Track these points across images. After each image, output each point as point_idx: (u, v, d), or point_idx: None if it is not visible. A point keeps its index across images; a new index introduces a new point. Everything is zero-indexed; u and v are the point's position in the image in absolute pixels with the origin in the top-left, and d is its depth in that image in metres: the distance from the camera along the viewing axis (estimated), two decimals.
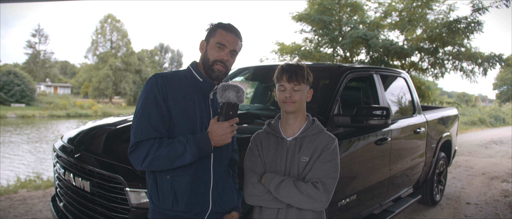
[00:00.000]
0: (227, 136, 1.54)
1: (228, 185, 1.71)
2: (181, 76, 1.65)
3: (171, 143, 1.51)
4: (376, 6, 10.42)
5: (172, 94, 1.57)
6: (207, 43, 1.67)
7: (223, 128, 1.53)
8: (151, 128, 1.52)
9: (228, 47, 1.64)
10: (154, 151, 1.49)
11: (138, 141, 1.52)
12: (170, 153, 1.49)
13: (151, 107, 1.54)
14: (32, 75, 46.04)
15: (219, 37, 1.63)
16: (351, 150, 2.84)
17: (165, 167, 1.52)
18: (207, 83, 1.66)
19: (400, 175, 3.70)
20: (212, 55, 1.63)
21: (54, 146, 2.69)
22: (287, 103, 1.69)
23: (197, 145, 1.51)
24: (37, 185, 5.84)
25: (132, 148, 1.54)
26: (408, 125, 3.78)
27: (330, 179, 1.66)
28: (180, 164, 1.51)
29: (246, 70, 4.08)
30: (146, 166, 1.52)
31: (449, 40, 8.98)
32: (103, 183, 2.08)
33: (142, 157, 1.51)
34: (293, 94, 1.69)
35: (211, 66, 1.63)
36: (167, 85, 1.58)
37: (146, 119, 1.53)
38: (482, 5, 8.43)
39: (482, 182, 6.18)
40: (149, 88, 1.57)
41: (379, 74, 3.57)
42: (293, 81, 1.68)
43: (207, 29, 1.69)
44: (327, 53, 10.68)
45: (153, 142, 1.51)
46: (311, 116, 1.81)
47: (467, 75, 9.56)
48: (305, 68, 1.74)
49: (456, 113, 5.27)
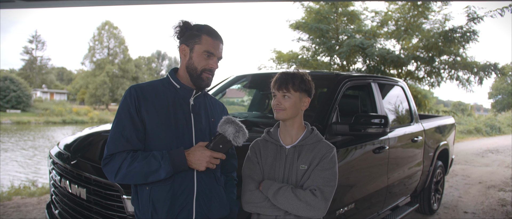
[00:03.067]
0: (202, 163, 1.51)
1: (217, 192, 1.68)
2: (158, 85, 1.63)
3: (145, 157, 1.50)
4: (373, 15, 10.50)
5: (146, 105, 1.56)
6: (191, 50, 1.62)
7: (202, 155, 1.51)
8: (124, 140, 1.52)
9: (216, 55, 1.63)
10: (127, 165, 1.49)
11: (111, 153, 1.52)
12: (144, 169, 1.49)
13: (125, 119, 1.54)
14: (28, 81, 45.85)
15: (207, 45, 1.60)
16: (349, 158, 2.84)
17: (139, 181, 1.52)
18: (185, 89, 1.64)
19: (397, 183, 3.69)
20: (199, 63, 1.60)
21: (50, 152, 2.67)
22: (276, 110, 1.72)
23: (172, 162, 1.50)
24: (32, 192, 5.77)
25: (106, 161, 1.53)
26: (406, 134, 3.78)
27: (328, 187, 1.66)
28: (154, 180, 1.51)
29: (244, 78, 4.08)
30: (120, 180, 1.51)
31: (445, 49, 9.05)
32: (99, 190, 2.06)
33: (115, 170, 1.51)
34: (282, 101, 1.71)
35: (200, 75, 1.61)
36: (141, 96, 1.57)
37: (120, 131, 1.53)
38: (477, 14, 8.53)
39: (479, 191, 6.18)
40: (123, 100, 1.57)
41: (377, 82, 3.58)
42: (282, 88, 1.71)
43: (183, 30, 1.63)
44: (324, 61, 10.72)
45: (126, 156, 1.51)
46: (310, 125, 1.81)
47: (463, 84, 9.62)
48: (300, 76, 1.73)
49: (453, 122, 5.29)
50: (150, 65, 62.17)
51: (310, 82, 1.76)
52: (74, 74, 65.98)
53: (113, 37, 50.44)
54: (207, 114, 1.69)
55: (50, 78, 57.19)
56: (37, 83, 53.02)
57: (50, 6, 6.33)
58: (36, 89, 51.10)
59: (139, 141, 1.54)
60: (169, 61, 69.09)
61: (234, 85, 4.16)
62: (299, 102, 1.73)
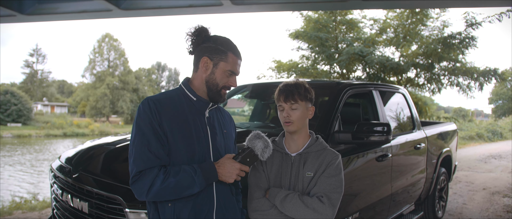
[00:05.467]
0: (232, 176, 1.52)
1: (232, 203, 1.68)
2: (173, 97, 1.59)
3: (178, 173, 1.46)
4: (372, 23, 10.56)
5: (166, 118, 1.51)
6: (215, 65, 1.59)
7: (233, 167, 1.52)
8: (152, 155, 1.46)
9: (237, 74, 1.64)
10: (161, 182, 1.43)
11: (140, 170, 1.45)
12: (178, 185, 1.45)
13: (148, 133, 1.47)
14: (29, 95, 45.93)
15: (233, 65, 1.60)
16: (353, 167, 2.81)
17: (172, 197, 1.47)
18: (201, 101, 1.62)
19: (401, 191, 3.66)
20: (221, 80, 1.60)
21: (51, 166, 2.65)
22: (286, 124, 1.73)
23: (205, 176, 1.48)
24: (33, 206, 5.73)
25: (135, 178, 1.46)
26: (408, 141, 3.76)
27: (335, 193, 1.66)
28: (188, 195, 1.48)
29: (245, 88, 4.08)
30: (152, 197, 1.46)
31: (444, 55, 9.07)
32: (101, 204, 2.04)
33: (147, 187, 1.44)
34: (291, 113, 1.71)
35: (219, 91, 1.61)
36: (161, 109, 1.52)
37: (145, 146, 1.46)
38: (475, 20, 8.57)
39: (483, 198, 6.13)
40: (142, 114, 1.50)
41: (378, 90, 3.58)
42: (290, 100, 1.71)
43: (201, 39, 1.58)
44: (324, 70, 10.75)
45: (158, 172, 1.45)
46: (315, 133, 1.82)
47: (464, 90, 9.61)
48: (303, 85, 1.75)
49: (455, 128, 5.27)
50: (150, 77, 62.32)
51: (312, 90, 1.79)
52: (74, 87, 66.14)
53: (113, 49, 50.64)
54: (220, 126, 1.69)
55: (51, 91, 57.32)
56: (38, 96, 53.10)
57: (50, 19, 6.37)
58: (37, 103, 51.15)
59: (166, 155, 1.49)
60: (169, 72, 69.34)
61: (235, 95, 4.16)
62: (306, 112, 1.75)
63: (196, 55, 1.62)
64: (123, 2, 5.32)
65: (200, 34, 1.59)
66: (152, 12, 5.65)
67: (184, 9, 5.40)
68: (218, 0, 4.96)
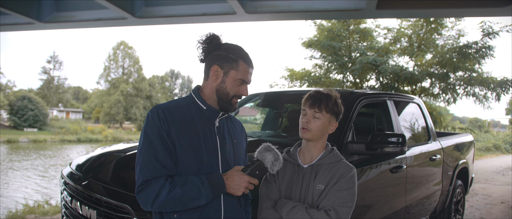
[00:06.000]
0: (240, 188, 1.49)
1: (240, 215, 1.64)
2: (183, 106, 1.57)
3: (184, 184, 1.43)
4: (385, 33, 10.45)
5: (175, 127, 1.49)
6: (225, 74, 1.56)
7: (241, 180, 1.48)
8: (159, 165, 1.43)
9: (248, 83, 1.61)
10: (167, 193, 1.41)
11: (146, 180, 1.43)
12: (184, 196, 1.42)
13: (156, 142, 1.45)
14: (45, 100, 46.91)
15: (244, 73, 1.57)
16: (366, 178, 2.75)
17: (178, 208, 1.44)
18: (211, 110, 1.59)
19: (416, 204, 3.56)
20: (232, 89, 1.57)
21: (62, 172, 2.66)
22: (303, 130, 1.68)
23: (212, 188, 1.45)
24: (45, 210, 5.79)
25: (140, 188, 1.44)
26: (424, 152, 3.67)
27: (345, 208, 1.60)
28: (194, 206, 1.45)
29: (257, 96, 4.05)
30: (157, 208, 1.43)
31: (459, 65, 8.89)
32: (110, 212, 2.02)
33: (152, 197, 1.42)
34: (311, 120, 1.66)
35: (230, 100, 1.58)
36: (169, 118, 1.49)
37: (153, 155, 1.44)
38: (492, 29, 8.39)
39: (502, 212, 5.93)
40: (151, 121, 1.48)
41: (393, 100, 3.51)
42: (315, 107, 1.66)
43: (212, 46, 1.55)
44: (336, 79, 10.67)
45: (164, 182, 1.42)
46: (330, 145, 1.76)
47: (480, 100, 9.39)
48: (334, 98, 1.70)
49: (472, 139, 5.14)
50: (163, 84, 63.01)
51: (341, 106, 1.73)
52: (89, 93, 67.33)
53: (128, 56, 51.41)
54: (230, 136, 1.65)
55: (67, 97, 58.42)
56: (53, 102, 54.18)
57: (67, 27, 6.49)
58: (52, 108, 52.18)
59: (174, 165, 1.47)
60: (183, 80, 69.97)
61: (247, 104, 4.13)
62: (328, 125, 1.70)
63: (207, 63, 1.59)
64: (138, 11, 5.39)
65: (211, 42, 1.56)
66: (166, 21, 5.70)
67: (197, 17, 5.42)
68: (231, 8, 4.98)
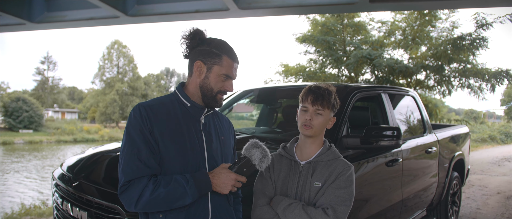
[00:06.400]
0: (227, 186, 1.44)
1: (229, 214, 1.60)
2: (167, 103, 1.53)
3: (169, 183, 1.39)
4: (379, 26, 10.45)
5: (158, 125, 1.45)
6: (209, 69, 1.52)
7: (228, 178, 1.44)
8: (142, 164, 1.39)
9: (233, 78, 1.56)
10: (150, 193, 1.37)
11: (129, 180, 1.39)
12: (169, 195, 1.38)
13: (139, 141, 1.41)
14: (40, 101, 46.65)
15: (228, 68, 1.52)
16: (362, 172, 2.72)
17: (162, 209, 1.41)
18: (195, 107, 1.55)
19: (412, 197, 3.55)
20: (216, 85, 1.53)
21: (53, 174, 2.61)
22: (305, 127, 1.64)
23: (198, 186, 1.41)
24: (41, 212, 5.74)
25: (123, 188, 1.40)
26: (419, 145, 3.65)
27: (342, 206, 1.57)
28: (179, 206, 1.41)
29: (251, 92, 4.02)
30: (141, 208, 1.39)
31: (454, 57, 8.92)
32: (101, 213, 1.98)
33: (136, 198, 1.38)
34: (314, 117, 1.63)
35: (214, 96, 1.54)
36: (152, 116, 1.45)
37: (135, 155, 1.40)
38: (486, 21, 8.41)
39: (498, 202, 5.95)
40: (134, 120, 1.44)
41: (387, 93, 3.48)
42: (318, 104, 1.63)
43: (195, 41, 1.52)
44: (332, 73, 10.66)
45: (147, 182, 1.38)
46: (328, 141, 1.73)
47: (475, 92, 9.43)
48: (334, 93, 1.68)
49: (467, 130, 5.14)
50: (159, 82, 62.80)
51: (338, 100, 1.72)
52: (84, 93, 66.95)
53: (123, 55, 51.14)
54: (217, 133, 1.61)
55: (62, 98, 58.08)
56: (48, 103, 53.86)
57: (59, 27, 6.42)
58: (47, 109, 51.88)
59: (157, 164, 1.43)
60: (178, 77, 69.79)
61: (242, 100, 4.10)
62: (328, 121, 1.68)
63: (190, 59, 1.56)
64: (130, 9, 5.33)
65: (195, 37, 1.52)
66: (158, 18, 5.65)
67: (190, 14, 5.38)
68: (224, 5, 4.93)
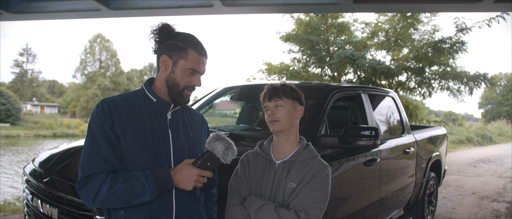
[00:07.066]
0: (189, 183, 1.41)
1: (197, 213, 1.56)
2: (132, 99, 1.51)
3: (127, 179, 1.36)
4: (363, 27, 10.55)
5: (119, 121, 1.43)
6: (174, 64, 1.49)
7: (190, 173, 1.41)
8: (101, 160, 1.37)
9: (201, 72, 1.53)
10: (107, 189, 1.34)
11: (87, 175, 1.36)
12: (127, 192, 1.35)
13: (99, 136, 1.39)
14: (18, 94, 45.32)
15: (193, 62, 1.49)
16: (340, 172, 2.74)
17: (121, 205, 1.38)
18: (162, 103, 1.52)
19: (390, 196, 3.60)
20: (182, 80, 1.50)
21: (24, 169, 2.53)
22: (272, 123, 1.61)
23: (158, 183, 1.38)
24: (15, 208, 5.56)
25: (81, 183, 1.38)
26: (398, 145, 3.70)
27: (316, 209, 1.53)
28: (138, 203, 1.38)
29: (233, 90, 3.99)
30: (99, 204, 1.36)
31: (434, 59, 9.10)
32: (72, 210, 1.92)
33: (93, 193, 1.35)
34: (276, 111, 1.61)
35: (181, 92, 1.51)
36: (114, 111, 1.43)
37: (95, 150, 1.38)
38: (465, 25, 8.62)
39: (472, 202, 6.11)
40: (96, 116, 1.43)
41: (367, 93, 3.51)
42: (274, 97, 1.62)
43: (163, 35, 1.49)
44: (315, 73, 10.70)
45: (105, 178, 1.36)
46: (305, 140, 1.71)
47: (454, 94, 9.65)
48: (289, 85, 1.67)
49: (445, 132, 5.24)
50: (142, 78, 61.94)
51: (299, 91, 1.69)
52: (65, 87, 65.38)
53: (105, 49, 50.30)
54: (186, 129, 1.57)
55: (41, 91, 56.62)
56: (27, 96, 52.42)
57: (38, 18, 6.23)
58: (26, 103, 50.47)
59: (118, 160, 1.41)
60: None
61: (222, 97, 4.07)
62: (294, 111, 1.64)
63: (158, 54, 1.53)
64: (112, 2, 5.21)
65: (162, 31, 1.50)
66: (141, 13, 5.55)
67: (174, 10, 5.30)
68: (208, 1, 4.88)
